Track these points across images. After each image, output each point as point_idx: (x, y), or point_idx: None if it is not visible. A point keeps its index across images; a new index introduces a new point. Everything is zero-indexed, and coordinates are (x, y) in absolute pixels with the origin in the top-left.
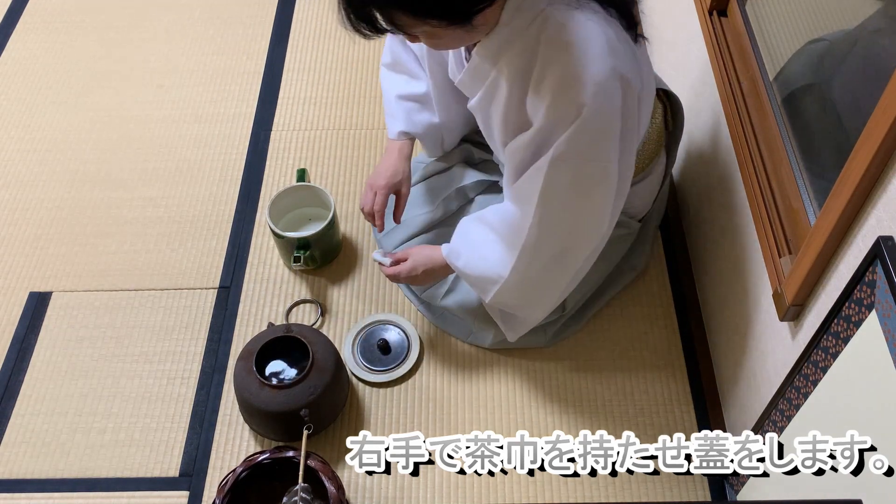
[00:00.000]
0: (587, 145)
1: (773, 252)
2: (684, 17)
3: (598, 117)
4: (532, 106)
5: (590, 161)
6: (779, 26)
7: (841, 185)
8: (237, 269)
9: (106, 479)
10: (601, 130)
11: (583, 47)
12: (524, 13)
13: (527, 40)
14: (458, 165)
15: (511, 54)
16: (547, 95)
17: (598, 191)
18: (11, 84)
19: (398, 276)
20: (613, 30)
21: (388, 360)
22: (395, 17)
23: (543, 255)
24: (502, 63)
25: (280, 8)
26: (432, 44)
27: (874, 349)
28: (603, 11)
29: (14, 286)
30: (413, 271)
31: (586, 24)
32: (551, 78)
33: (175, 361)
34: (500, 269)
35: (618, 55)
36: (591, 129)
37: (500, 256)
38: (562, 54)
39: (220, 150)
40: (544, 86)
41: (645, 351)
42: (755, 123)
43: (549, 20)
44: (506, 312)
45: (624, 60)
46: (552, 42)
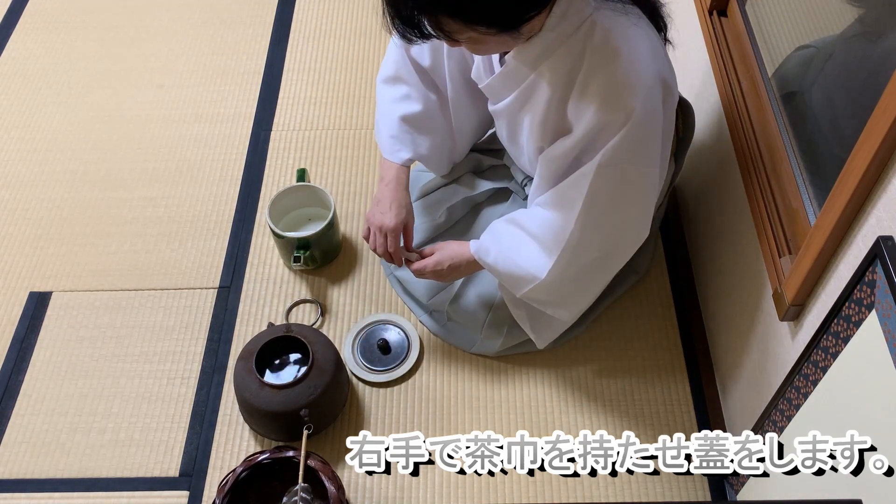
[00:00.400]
0: (634, 151)
1: (773, 252)
2: (684, 17)
3: (645, 122)
4: (575, 110)
5: (636, 166)
6: (779, 26)
7: (841, 185)
8: (237, 269)
9: (106, 479)
10: (647, 136)
11: (630, 53)
12: (570, 19)
13: (572, 46)
14: (466, 175)
15: (554, 59)
16: (594, 100)
17: (641, 196)
18: (11, 84)
19: (424, 271)
20: (655, 35)
21: (388, 360)
22: (443, 23)
23: (583, 259)
24: (543, 67)
25: (280, 8)
26: (474, 49)
27: (874, 349)
28: (645, 17)
29: (14, 286)
30: (439, 265)
31: (632, 29)
32: (599, 83)
33: (175, 361)
34: (536, 270)
35: (660, 60)
36: (638, 135)
37: (536, 258)
38: (610, 60)
39: (220, 150)
40: (590, 91)
41: (645, 351)
42: (755, 123)
43: (595, 25)
44: (535, 319)
45: (665, 65)
46: (600, 47)
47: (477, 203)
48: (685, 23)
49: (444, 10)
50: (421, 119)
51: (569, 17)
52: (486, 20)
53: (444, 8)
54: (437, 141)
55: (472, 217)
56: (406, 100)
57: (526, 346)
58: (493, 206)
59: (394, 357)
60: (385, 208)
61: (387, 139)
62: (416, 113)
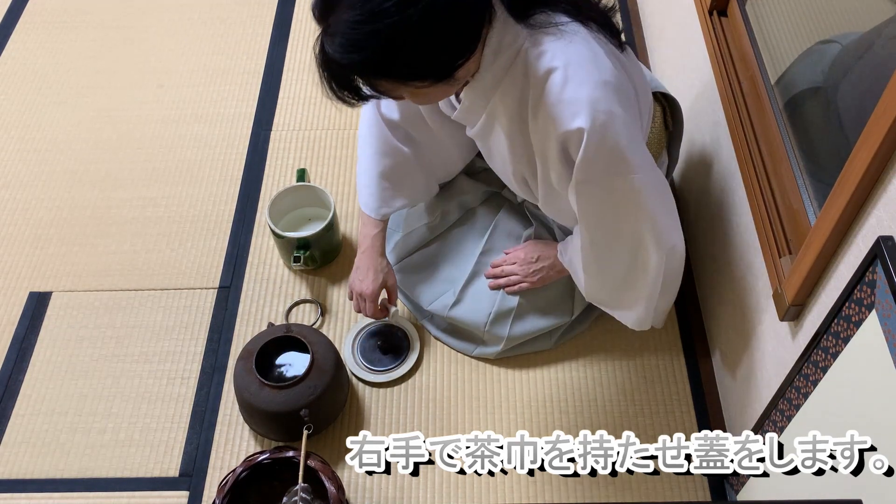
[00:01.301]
0: (603, 164)
1: (773, 252)
2: (684, 17)
3: (602, 132)
4: (535, 136)
5: (613, 177)
6: (779, 26)
7: (841, 185)
8: (237, 269)
9: (106, 479)
10: (612, 147)
11: (568, 69)
12: (504, 53)
13: (514, 76)
14: (460, 176)
15: (502, 91)
16: (546, 124)
17: (638, 201)
18: (11, 84)
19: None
20: (598, 43)
21: (388, 360)
22: (378, 84)
23: (616, 271)
24: (496, 99)
25: (280, 8)
26: (417, 101)
27: (874, 349)
28: (584, 29)
29: (14, 286)
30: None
31: (569, 46)
32: (545, 107)
33: (175, 361)
34: (580, 283)
35: (602, 66)
36: (601, 147)
37: (578, 272)
38: (551, 84)
39: (220, 150)
40: (541, 115)
41: (645, 351)
42: (755, 123)
43: (531, 52)
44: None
45: (609, 69)
46: (539, 72)
47: (471, 207)
48: (685, 23)
49: (376, 72)
50: (394, 174)
51: (503, 52)
52: (418, 75)
53: (375, 70)
54: (414, 189)
55: (468, 220)
56: (381, 156)
57: (526, 348)
58: (487, 210)
59: (394, 357)
60: (363, 275)
61: (366, 196)
62: (388, 168)
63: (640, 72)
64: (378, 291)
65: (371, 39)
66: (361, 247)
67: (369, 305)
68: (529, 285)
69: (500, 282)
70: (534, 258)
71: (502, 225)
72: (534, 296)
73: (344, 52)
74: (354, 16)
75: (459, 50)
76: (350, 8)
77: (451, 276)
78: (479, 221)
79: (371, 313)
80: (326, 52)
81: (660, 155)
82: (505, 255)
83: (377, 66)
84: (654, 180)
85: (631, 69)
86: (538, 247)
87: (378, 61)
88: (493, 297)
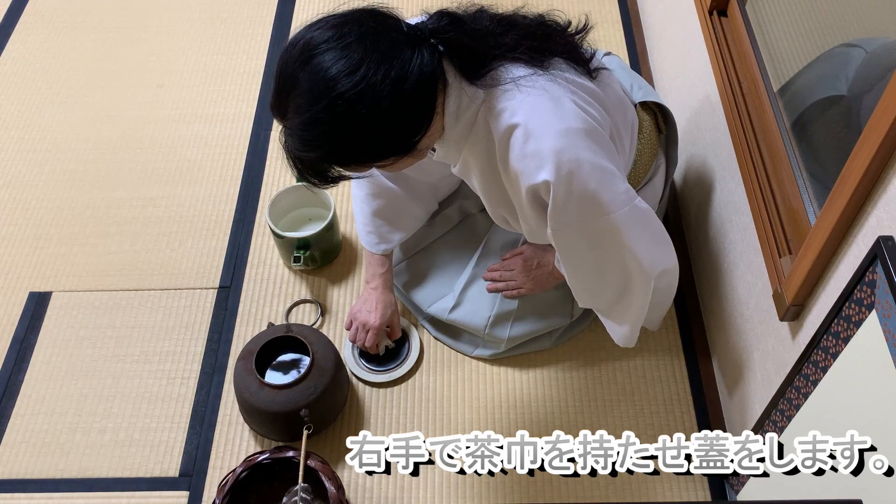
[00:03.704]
0: (575, 210)
1: (773, 252)
2: (684, 17)
3: (569, 183)
4: (508, 186)
5: (588, 220)
6: (779, 26)
7: (841, 185)
8: (237, 269)
9: (106, 479)
10: (581, 193)
11: (528, 123)
12: (464, 115)
13: (478, 133)
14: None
15: (469, 147)
16: (515, 178)
17: (614, 238)
18: (11, 84)
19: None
20: (558, 85)
21: (388, 360)
22: (346, 168)
23: (606, 296)
24: (466, 153)
25: (280, 8)
26: (387, 171)
27: (874, 349)
28: (543, 77)
29: (14, 286)
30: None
31: (528, 98)
32: (511, 162)
33: (175, 361)
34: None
35: (567, 114)
36: (569, 197)
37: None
38: (513, 141)
39: (220, 150)
40: (509, 170)
41: (645, 351)
42: (755, 123)
43: (490, 112)
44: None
45: (575, 114)
46: (500, 129)
47: (471, 213)
48: (685, 23)
49: (338, 163)
50: (388, 211)
51: (462, 115)
52: (380, 157)
53: (336, 161)
54: (410, 220)
55: (467, 224)
56: (372, 197)
57: (526, 349)
58: (486, 216)
59: (394, 357)
60: (371, 307)
61: (365, 234)
62: (382, 207)
63: (617, 90)
64: (382, 327)
65: (325, 137)
66: (371, 283)
67: (371, 337)
68: (528, 290)
69: (499, 286)
70: (533, 264)
71: (501, 230)
72: (533, 298)
73: (303, 150)
74: (306, 118)
75: (414, 129)
76: (298, 112)
77: (450, 279)
78: (479, 225)
79: (369, 345)
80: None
81: (655, 160)
82: (503, 261)
83: (338, 157)
84: (632, 214)
85: (604, 92)
86: (537, 253)
87: (337, 154)
88: (493, 299)
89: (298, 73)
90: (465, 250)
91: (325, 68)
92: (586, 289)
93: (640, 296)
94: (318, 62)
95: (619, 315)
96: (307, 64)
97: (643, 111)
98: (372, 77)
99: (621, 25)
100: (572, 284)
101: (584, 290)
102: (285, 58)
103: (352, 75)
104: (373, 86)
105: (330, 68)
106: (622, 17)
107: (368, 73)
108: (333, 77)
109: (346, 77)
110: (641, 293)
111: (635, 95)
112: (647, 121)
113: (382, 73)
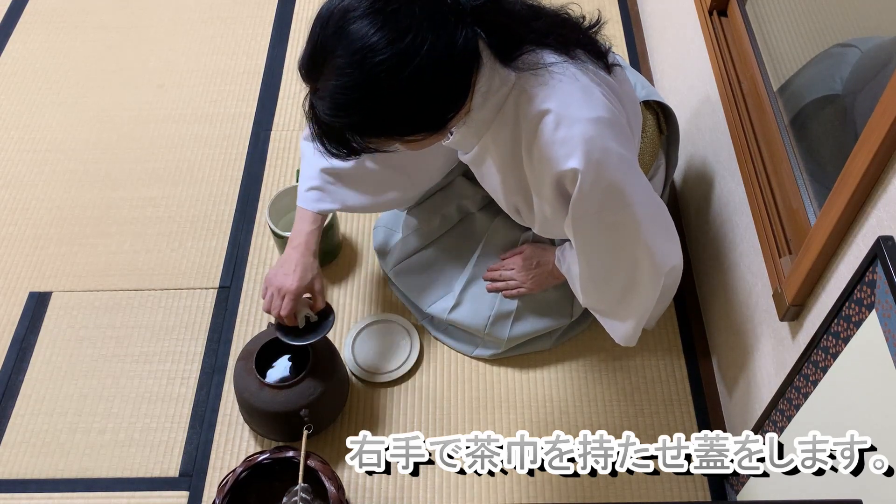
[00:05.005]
0: (599, 200)
1: (773, 252)
2: (684, 17)
3: (598, 173)
4: (530, 174)
5: (609, 211)
6: (779, 26)
7: (841, 185)
8: (237, 269)
9: (105, 479)
10: (607, 183)
11: (559, 110)
12: (493, 97)
13: (505, 117)
14: (459, 179)
15: (493, 132)
16: (540, 165)
17: (632, 231)
18: (11, 84)
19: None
20: (586, 75)
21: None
22: (372, 141)
23: (612, 289)
24: (486, 139)
25: (280, 8)
26: (410, 149)
27: (874, 349)
28: (573, 65)
29: (14, 286)
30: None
31: (559, 85)
32: (539, 148)
33: (175, 361)
34: (578, 295)
35: (597, 104)
36: (596, 186)
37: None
38: (544, 126)
39: (220, 150)
40: (535, 156)
41: (645, 351)
42: (755, 123)
43: (521, 95)
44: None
45: (604, 105)
46: (530, 114)
47: (471, 212)
48: (685, 23)
49: (368, 132)
50: (347, 175)
51: (492, 96)
52: (410, 132)
53: (366, 130)
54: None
55: (466, 223)
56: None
57: (526, 349)
58: (486, 215)
59: (315, 330)
60: (289, 270)
61: (304, 190)
62: (341, 168)
63: (629, 87)
64: (300, 291)
65: (361, 103)
66: (293, 242)
67: (286, 303)
68: (527, 290)
69: (499, 285)
70: (532, 264)
71: (500, 229)
72: (533, 298)
73: (334, 115)
74: (344, 82)
75: (450, 105)
76: (338, 73)
77: (449, 279)
78: (478, 225)
79: (284, 313)
80: (316, 112)
81: (656, 160)
82: (503, 260)
83: (369, 126)
84: (650, 208)
85: (620, 88)
86: (536, 252)
87: (369, 123)
88: (493, 299)
89: (339, 34)
90: (464, 250)
91: (368, 33)
92: (594, 282)
93: (649, 291)
94: (360, 26)
95: (623, 312)
96: (348, 27)
97: (646, 110)
98: (418, 46)
99: (621, 25)
100: (581, 277)
101: (591, 283)
102: (326, 17)
103: (396, 42)
104: (417, 55)
105: (375, 33)
106: (622, 17)
107: (416, 41)
108: (377, 42)
109: (390, 44)
110: (650, 289)
111: (639, 94)
112: (649, 120)
113: (429, 44)
